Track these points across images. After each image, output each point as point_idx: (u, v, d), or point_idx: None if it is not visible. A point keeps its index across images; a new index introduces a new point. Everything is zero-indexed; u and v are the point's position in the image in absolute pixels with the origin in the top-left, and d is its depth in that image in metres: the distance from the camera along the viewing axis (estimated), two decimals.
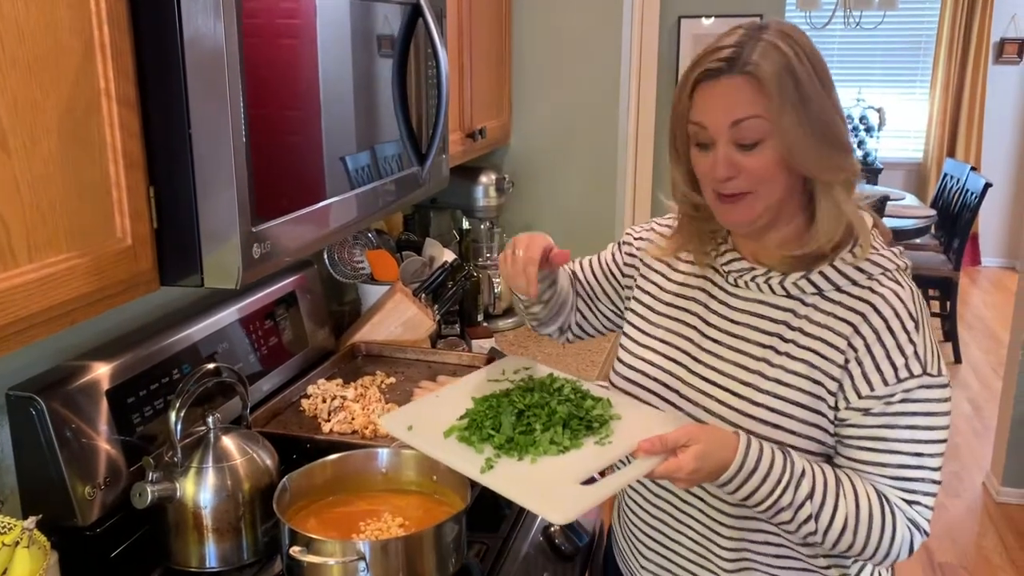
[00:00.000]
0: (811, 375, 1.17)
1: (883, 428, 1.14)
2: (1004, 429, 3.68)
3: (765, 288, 1.22)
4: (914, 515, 1.15)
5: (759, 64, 1.10)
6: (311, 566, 1.19)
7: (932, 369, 1.13)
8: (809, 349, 1.17)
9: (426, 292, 2.19)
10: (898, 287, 1.17)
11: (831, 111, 1.13)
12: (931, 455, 1.14)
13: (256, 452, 1.37)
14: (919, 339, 1.14)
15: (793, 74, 1.10)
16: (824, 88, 1.12)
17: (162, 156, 1.08)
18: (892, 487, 1.15)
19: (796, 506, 1.12)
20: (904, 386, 1.12)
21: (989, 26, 6.87)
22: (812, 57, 1.13)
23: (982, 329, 5.84)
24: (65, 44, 0.95)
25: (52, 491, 1.28)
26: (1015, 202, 7.14)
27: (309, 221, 1.31)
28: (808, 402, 1.17)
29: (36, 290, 0.93)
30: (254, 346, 1.76)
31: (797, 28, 1.16)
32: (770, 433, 1.17)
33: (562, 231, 2.78)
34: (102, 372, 1.37)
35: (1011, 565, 3.28)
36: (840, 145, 1.14)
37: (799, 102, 1.10)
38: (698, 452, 1.08)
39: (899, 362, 1.12)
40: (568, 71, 2.67)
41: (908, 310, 1.15)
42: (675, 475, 1.09)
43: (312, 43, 1.29)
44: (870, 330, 1.14)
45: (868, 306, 1.15)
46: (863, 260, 1.18)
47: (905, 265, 1.22)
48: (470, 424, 1.20)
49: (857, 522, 1.13)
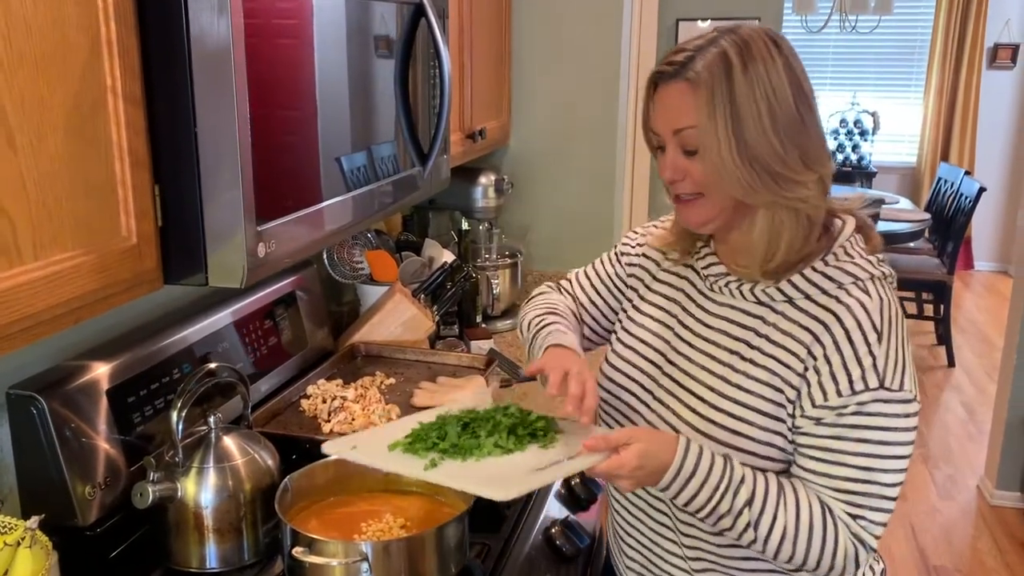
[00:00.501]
0: (772, 382, 1.16)
1: (833, 439, 1.12)
2: (998, 432, 3.69)
3: (737, 294, 1.21)
4: (858, 530, 1.12)
5: (699, 73, 1.09)
6: (313, 567, 1.18)
7: (892, 384, 1.10)
8: (772, 357, 1.16)
9: (425, 293, 2.18)
10: (866, 297, 1.14)
11: (770, 133, 1.08)
12: (883, 471, 1.11)
13: (257, 452, 1.37)
14: (880, 352, 1.11)
15: (730, 89, 1.07)
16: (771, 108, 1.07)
17: (167, 154, 1.08)
18: (838, 499, 1.12)
19: (735, 513, 1.11)
20: (858, 398, 1.10)
21: (983, 31, 6.90)
22: (767, 72, 1.08)
23: (975, 333, 5.86)
24: (72, 41, 0.94)
25: (52, 491, 1.27)
26: (1007, 206, 7.17)
27: (313, 221, 1.31)
28: (770, 409, 1.16)
29: (42, 288, 0.92)
30: (253, 346, 1.75)
31: (773, 39, 1.11)
32: (731, 440, 1.17)
33: (561, 232, 2.79)
34: (102, 371, 1.37)
35: (1005, 568, 3.29)
36: (774, 174, 1.09)
37: (729, 118, 1.07)
38: (640, 450, 1.09)
39: (855, 373, 1.10)
40: (567, 73, 2.67)
41: (872, 321, 1.12)
42: (618, 472, 1.09)
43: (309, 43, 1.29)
44: (830, 339, 1.12)
45: (831, 315, 1.13)
46: (834, 268, 1.15)
47: (883, 274, 1.18)
48: (415, 437, 1.22)
49: (797, 532, 1.11)
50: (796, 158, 1.09)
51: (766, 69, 1.08)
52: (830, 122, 7.27)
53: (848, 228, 1.19)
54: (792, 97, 1.09)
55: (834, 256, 1.16)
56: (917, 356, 5.42)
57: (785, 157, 1.09)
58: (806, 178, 1.10)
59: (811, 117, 1.12)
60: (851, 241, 1.18)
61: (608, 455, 1.10)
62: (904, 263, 5.24)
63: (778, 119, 1.08)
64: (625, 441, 1.09)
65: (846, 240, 1.17)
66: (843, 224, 1.19)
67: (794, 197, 1.11)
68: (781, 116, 1.08)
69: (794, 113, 1.09)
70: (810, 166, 1.11)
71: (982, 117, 7.07)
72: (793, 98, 1.09)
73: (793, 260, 1.15)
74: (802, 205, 1.11)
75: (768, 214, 1.12)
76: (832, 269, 1.15)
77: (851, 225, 1.19)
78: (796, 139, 1.09)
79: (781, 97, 1.08)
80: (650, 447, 1.10)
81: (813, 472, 1.14)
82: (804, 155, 1.10)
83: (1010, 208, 7.14)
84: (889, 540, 3.46)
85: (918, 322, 5.81)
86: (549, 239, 2.81)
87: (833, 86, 7.32)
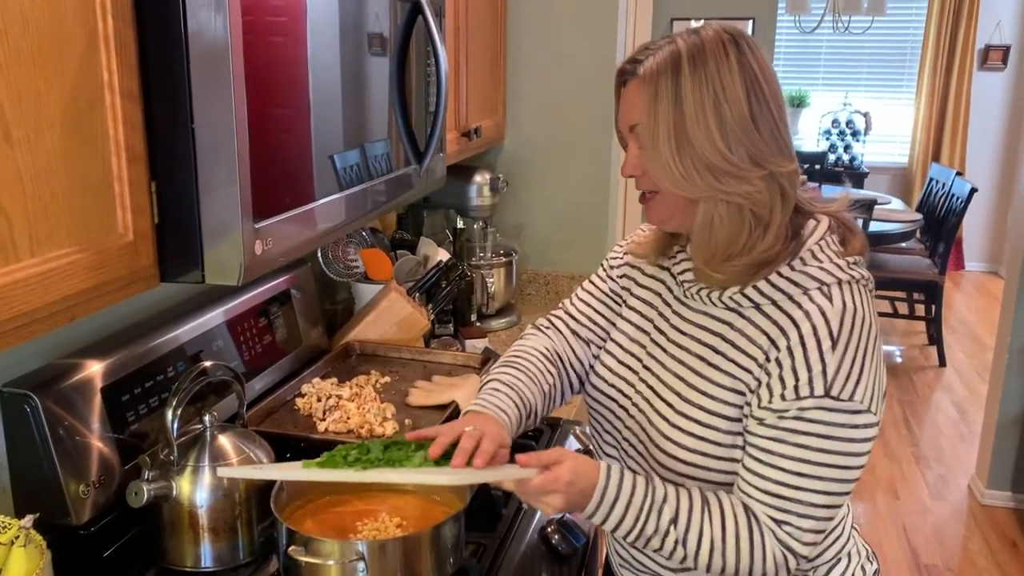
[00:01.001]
0: (735, 387, 1.15)
1: (772, 441, 1.11)
2: (989, 432, 3.70)
3: (707, 301, 1.20)
4: (784, 536, 1.11)
5: (648, 69, 1.11)
6: (309, 566, 1.18)
7: (841, 392, 1.07)
8: (734, 362, 1.16)
9: (420, 291, 2.18)
10: (827, 303, 1.11)
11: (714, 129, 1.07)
12: (818, 478, 1.09)
13: (253, 451, 1.36)
14: (833, 359, 1.08)
15: (675, 85, 1.08)
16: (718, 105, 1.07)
17: (164, 150, 1.07)
18: (765, 503, 1.11)
19: (662, 533, 1.11)
20: (800, 404, 1.08)
21: (974, 33, 6.93)
22: (717, 70, 1.08)
23: (966, 333, 5.88)
24: (69, 35, 0.93)
25: (46, 489, 1.26)
26: (998, 207, 7.21)
27: (310, 218, 1.30)
28: (733, 414, 1.16)
29: (37, 285, 0.91)
30: (248, 344, 1.74)
31: (734, 39, 1.10)
32: (698, 446, 1.17)
33: (556, 231, 2.79)
34: (96, 369, 1.36)
35: (996, 568, 3.30)
36: (713, 168, 1.08)
37: (671, 113, 1.08)
38: (572, 467, 1.09)
39: (802, 378, 1.08)
40: (562, 72, 2.66)
41: (830, 328, 1.09)
42: (552, 487, 1.09)
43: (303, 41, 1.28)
44: (785, 344, 1.11)
45: (789, 321, 1.12)
46: (800, 273, 1.13)
47: (855, 278, 1.14)
48: (328, 458, 1.18)
49: (724, 543, 1.11)
50: (743, 155, 1.08)
51: (717, 67, 1.08)
52: (822, 122, 7.30)
53: (819, 230, 1.16)
54: (745, 94, 1.08)
55: (801, 261, 1.13)
56: (908, 356, 5.45)
57: (728, 154, 1.08)
58: (752, 174, 1.09)
59: (766, 115, 1.10)
60: (822, 244, 1.15)
61: (540, 471, 1.10)
62: (895, 263, 5.26)
63: (724, 117, 1.08)
64: (556, 460, 1.10)
65: (816, 243, 1.15)
66: (816, 225, 1.17)
67: (734, 192, 1.09)
68: (728, 111, 1.08)
69: (744, 110, 1.08)
70: (759, 163, 1.09)
71: (973, 118, 7.10)
72: (746, 95, 1.08)
73: (749, 261, 1.13)
74: (744, 201, 1.10)
75: (706, 208, 1.12)
76: (798, 274, 1.13)
77: (823, 227, 1.17)
78: (743, 135, 1.08)
79: (731, 95, 1.08)
80: (578, 465, 1.10)
81: (750, 471, 1.13)
82: (753, 153, 1.09)
83: (1001, 209, 7.18)
84: (881, 539, 3.47)
85: (909, 322, 5.84)
86: (544, 238, 2.80)
87: (825, 86, 7.34)
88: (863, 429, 1.09)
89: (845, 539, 1.29)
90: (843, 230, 1.20)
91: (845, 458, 1.09)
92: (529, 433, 1.73)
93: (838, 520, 1.27)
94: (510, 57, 2.67)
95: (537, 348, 1.38)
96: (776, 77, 1.13)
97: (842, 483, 1.10)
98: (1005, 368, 3.58)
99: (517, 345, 1.42)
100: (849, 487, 1.12)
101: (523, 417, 1.28)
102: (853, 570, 1.29)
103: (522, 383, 1.32)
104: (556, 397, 1.38)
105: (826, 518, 1.12)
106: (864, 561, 1.32)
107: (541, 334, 1.43)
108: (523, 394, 1.30)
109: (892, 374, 5.15)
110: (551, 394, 1.36)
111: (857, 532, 1.36)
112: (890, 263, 5.24)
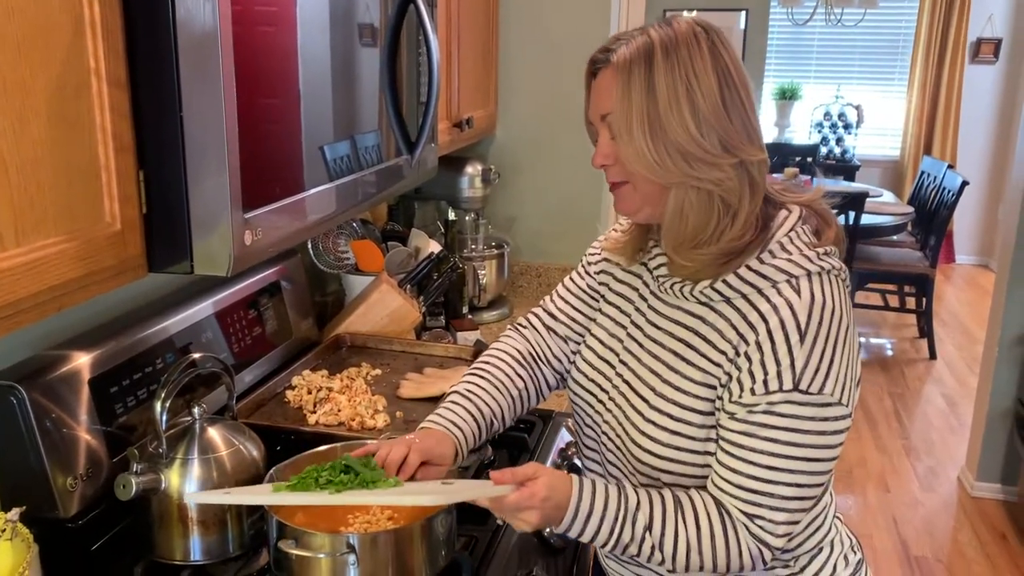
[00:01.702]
0: (706, 381, 1.15)
1: (742, 436, 1.11)
2: (979, 425, 3.72)
3: (680, 295, 1.20)
4: (757, 531, 1.11)
5: (622, 57, 1.11)
6: (300, 559, 1.17)
7: (810, 386, 1.07)
8: (705, 357, 1.16)
9: (411, 283, 2.17)
10: (794, 296, 1.10)
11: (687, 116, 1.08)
12: (788, 471, 1.09)
13: (242, 443, 1.35)
14: (801, 353, 1.08)
15: (648, 73, 1.08)
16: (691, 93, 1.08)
17: (152, 139, 1.06)
18: (737, 497, 1.11)
19: (638, 540, 1.11)
20: (769, 398, 1.08)
21: (966, 26, 6.94)
22: (690, 59, 1.08)
23: (956, 326, 5.90)
24: (55, 22, 0.92)
25: (32, 482, 1.25)
26: (988, 200, 7.23)
27: (300, 209, 1.29)
28: (705, 408, 1.16)
29: (24, 274, 0.90)
30: (237, 336, 1.73)
31: (705, 30, 1.12)
32: (672, 440, 1.17)
33: (547, 223, 2.78)
34: (83, 361, 1.34)
35: (985, 559, 3.32)
36: (685, 153, 1.09)
37: (644, 100, 1.08)
38: (547, 482, 1.09)
39: (772, 371, 1.08)
40: (555, 63, 2.65)
41: (797, 321, 1.09)
42: (528, 503, 1.08)
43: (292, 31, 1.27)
44: (754, 338, 1.11)
45: (758, 315, 1.11)
46: (769, 266, 1.13)
47: (824, 268, 1.13)
48: (299, 480, 1.18)
49: (700, 543, 1.11)
50: (715, 142, 1.09)
51: (690, 56, 1.09)
52: (814, 115, 7.30)
53: (790, 221, 1.16)
54: (716, 83, 1.09)
55: (770, 253, 1.13)
56: (899, 349, 5.46)
57: (700, 140, 1.08)
58: (722, 161, 1.09)
59: (738, 105, 1.10)
60: (792, 235, 1.15)
61: (516, 488, 1.09)
62: (886, 256, 5.27)
63: (697, 104, 1.08)
64: (531, 476, 1.09)
65: (786, 235, 1.14)
66: (786, 216, 1.16)
67: (705, 178, 1.10)
68: (702, 101, 1.08)
69: (716, 98, 1.09)
70: (730, 151, 1.10)
71: (965, 111, 7.11)
72: (718, 84, 1.09)
73: (718, 249, 1.13)
74: (714, 188, 1.10)
75: (677, 194, 1.12)
76: (767, 267, 1.13)
77: (793, 218, 1.16)
78: (715, 121, 1.09)
79: (704, 83, 1.08)
80: (553, 480, 1.10)
81: (722, 465, 1.13)
82: (724, 140, 1.09)
83: (991, 202, 7.20)
84: (871, 531, 3.48)
85: (900, 315, 5.85)
86: (535, 230, 2.80)
87: (818, 79, 7.34)
88: (834, 422, 1.09)
89: (827, 529, 1.29)
90: (817, 221, 1.19)
91: (816, 451, 1.09)
92: (521, 426, 1.73)
93: (819, 511, 1.27)
94: (502, 47, 2.66)
95: (508, 352, 1.41)
96: (745, 70, 1.14)
97: (814, 475, 1.10)
98: (995, 361, 3.59)
99: (489, 350, 1.45)
100: (822, 479, 1.12)
101: (483, 427, 1.32)
102: (835, 560, 1.30)
103: (485, 392, 1.35)
104: (529, 398, 1.40)
105: (799, 510, 1.12)
106: (847, 551, 1.32)
107: (517, 334, 1.46)
108: (481, 405, 1.32)
109: (882, 367, 5.16)
110: (521, 397, 1.38)
111: (841, 522, 1.36)
112: (881, 256, 5.25)
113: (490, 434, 1.34)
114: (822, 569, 1.28)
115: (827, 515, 1.30)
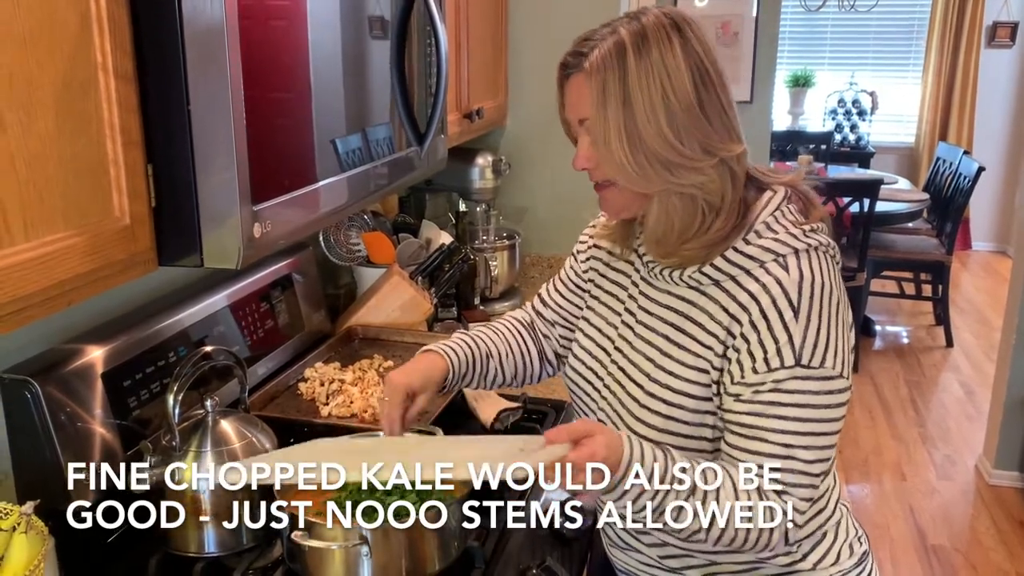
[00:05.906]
0: (699, 365, 1.15)
1: (753, 416, 1.10)
2: (997, 413, 3.69)
3: (670, 280, 1.20)
4: (786, 507, 1.10)
5: (593, 63, 1.09)
6: (313, 550, 1.17)
7: (811, 360, 1.08)
8: (697, 340, 1.16)
9: (423, 275, 2.17)
10: (783, 273, 1.10)
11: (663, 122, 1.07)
12: (804, 447, 1.09)
13: (255, 436, 1.35)
14: (798, 329, 1.08)
15: (622, 79, 1.07)
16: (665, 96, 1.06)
17: (160, 133, 1.06)
18: (764, 476, 1.10)
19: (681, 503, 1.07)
20: (774, 376, 1.09)
21: (982, 10, 6.87)
22: (662, 58, 1.07)
23: (973, 313, 5.86)
24: (62, 16, 0.92)
25: (47, 476, 1.26)
26: (1005, 187, 7.16)
27: (309, 201, 1.29)
28: (699, 392, 1.16)
29: (33, 269, 0.91)
30: (250, 329, 1.74)
31: (676, 23, 1.10)
32: (665, 425, 1.17)
33: (558, 214, 2.77)
34: (97, 355, 1.35)
35: (1003, 547, 3.30)
36: (666, 162, 1.08)
37: (621, 110, 1.07)
38: (605, 441, 1.03)
39: (771, 349, 1.09)
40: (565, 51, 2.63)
41: (789, 298, 1.09)
42: (590, 459, 1.02)
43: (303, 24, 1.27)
44: (747, 318, 1.11)
45: (748, 295, 1.11)
46: (755, 247, 1.12)
47: (812, 245, 1.13)
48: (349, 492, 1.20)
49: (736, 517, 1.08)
50: (694, 145, 1.08)
51: (661, 55, 1.07)
52: (828, 102, 7.25)
53: (774, 201, 1.16)
54: (691, 82, 1.08)
55: (756, 234, 1.13)
56: (915, 337, 5.43)
57: (679, 146, 1.08)
58: (704, 163, 1.09)
59: (713, 101, 1.10)
60: (777, 215, 1.15)
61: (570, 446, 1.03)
62: (902, 243, 5.23)
63: (672, 107, 1.07)
64: (587, 432, 1.04)
65: (771, 215, 1.15)
66: (771, 196, 1.16)
67: (688, 184, 1.10)
68: (676, 103, 1.07)
69: (691, 99, 1.08)
70: (711, 151, 1.09)
71: (981, 96, 7.04)
72: (692, 83, 1.08)
73: (702, 243, 1.13)
74: (697, 191, 1.11)
75: (660, 200, 1.12)
76: (754, 247, 1.13)
77: (778, 198, 1.16)
78: (694, 125, 1.08)
79: (677, 83, 1.07)
80: (609, 438, 1.05)
81: (738, 448, 1.12)
82: (704, 141, 1.09)
83: (1008, 188, 7.13)
84: (888, 519, 3.47)
85: (916, 302, 5.81)
86: (547, 221, 2.79)
87: (831, 65, 7.28)
88: (837, 394, 1.10)
89: (830, 512, 1.28)
90: (803, 200, 1.19)
91: (824, 424, 1.10)
92: (533, 416, 1.73)
93: (822, 491, 1.26)
94: (512, 38, 2.64)
95: (513, 316, 1.49)
96: (718, 60, 1.13)
97: (824, 449, 1.11)
98: (1012, 348, 3.56)
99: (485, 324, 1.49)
100: (830, 452, 1.12)
101: (477, 356, 1.36)
102: (839, 548, 1.28)
103: (482, 332, 1.42)
104: (530, 358, 1.44)
105: (816, 486, 1.12)
106: (852, 540, 1.31)
107: (523, 309, 1.51)
108: (479, 340, 1.38)
109: (899, 355, 5.13)
110: (521, 352, 1.43)
111: (848, 510, 1.35)
112: (897, 243, 5.22)
113: (486, 369, 1.37)
114: (825, 556, 1.27)
115: (830, 498, 1.29)
